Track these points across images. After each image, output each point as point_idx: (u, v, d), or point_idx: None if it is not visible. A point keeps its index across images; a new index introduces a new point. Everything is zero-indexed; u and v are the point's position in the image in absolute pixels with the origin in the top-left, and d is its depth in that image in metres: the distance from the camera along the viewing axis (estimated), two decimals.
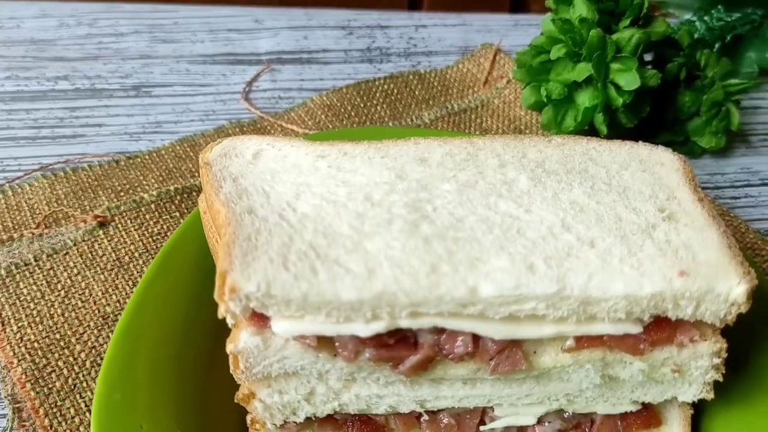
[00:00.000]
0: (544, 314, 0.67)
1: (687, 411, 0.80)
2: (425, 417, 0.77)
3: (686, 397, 0.76)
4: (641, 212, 0.73)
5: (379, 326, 0.67)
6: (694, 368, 0.72)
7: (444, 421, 0.77)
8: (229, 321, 0.67)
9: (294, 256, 0.68)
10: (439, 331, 0.69)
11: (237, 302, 0.65)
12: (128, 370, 0.75)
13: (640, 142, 0.84)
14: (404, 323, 0.67)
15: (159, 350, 0.78)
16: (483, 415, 0.78)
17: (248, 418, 0.77)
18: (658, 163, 0.80)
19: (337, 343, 0.69)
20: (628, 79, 1.12)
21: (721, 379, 0.73)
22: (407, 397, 0.74)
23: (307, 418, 0.76)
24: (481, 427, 0.78)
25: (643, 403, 0.78)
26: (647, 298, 0.66)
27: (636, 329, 0.69)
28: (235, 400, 0.74)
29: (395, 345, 0.69)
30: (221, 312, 0.66)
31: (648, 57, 1.27)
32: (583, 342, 0.70)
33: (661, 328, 0.69)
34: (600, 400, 0.76)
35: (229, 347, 0.70)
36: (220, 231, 0.72)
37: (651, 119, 1.28)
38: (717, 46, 1.41)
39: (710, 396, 0.76)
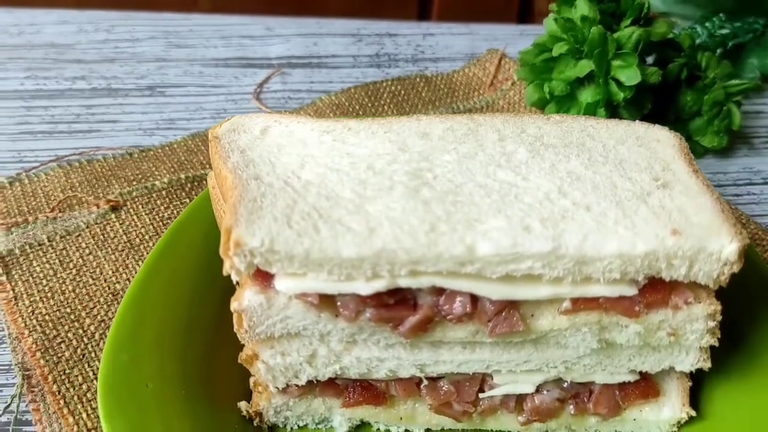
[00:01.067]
0: (541, 274, 0.69)
1: (685, 383, 0.80)
2: (425, 383, 0.78)
3: (684, 366, 0.77)
4: (636, 181, 0.75)
5: (379, 285, 0.69)
6: (690, 332, 0.73)
7: (444, 388, 0.79)
8: (234, 277, 0.69)
9: (297, 215, 0.70)
10: (438, 292, 0.71)
11: (241, 258, 0.67)
12: (136, 334, 0.77)
13: (638, 120, 0.86)
14: (404, 282, 0.69)
15: (167, 316, 0.80)
16: (482, 382, 0.79)
17: (251, 380, 0.78)
18: (654, 140, 0.82)
19: (338, 303, 0.71)
20: (628, 75, 1.15)
21: (716, 344, 0.74)
22: (407, 360, 0.76)
23: (309, 383, 0.78)
24: (480, 395, 0.79)
25: (641, 374, 0.79)
26: (641, 257, 0.68)
27: (631, 291, 0.70)
28: (239, 361, 0.75)
29: (395, 305, 0.71)
30: (226, 268, 0.69)
31: (650, 59, 1.30)
32: (580, 304, 0.71)
33: (656, 290, 0.70)
34: (598, 369, 0.77)
35: (234, 305, 0.71)
36: (226, 195, 0.74)
37: (653, 119, 1.30)
38: (719, 51, 1.44)
39: (707, 365, 0.77)
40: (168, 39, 1.51)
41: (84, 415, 0.79)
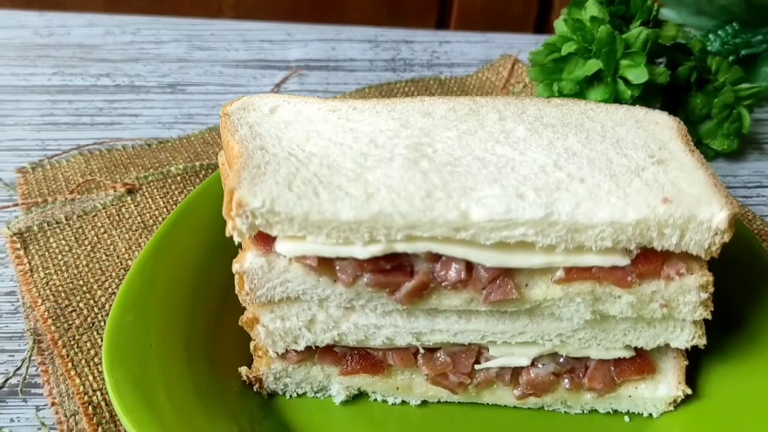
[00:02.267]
0: (534, 241, 0.70)
1: (682, 362, 0.81)
2: (422, 353, 0.79)
3: (679, 343, 0.78)
4: (632, 158, 0.76)
5: (376, 249, 0.71)
6: (683, 304, 0.73)
7: (440, 359, 0.80)
8: (236, 238, 0.72)
9: (299, 181, 0.72)
10: (434, 259, 0.73)
11: (243, 219, 0.70)
12: (142, 297, 0.80)
13: (637, 105, 0.88)
14: (400, 247, 0.71)
15: (174, 282, 0.83)
16: (478, 355, 0.80)
17: (251, 345, 0.80)
18: (653, 122, 0.84)
19: (337, 267, 0.73)
20: (636, 74, 1.17)
21: (709, 317, 0.74)
22: (404, 328, 0.77)
23: (308, 349, 0.79)
24: (476, 366, 0.80)
25: (637, 351, 0.80)
26: (632, 225, 0.69)
27: (624, 261, 0.71)
28: (240, 323, 0.78)
29: (392, 271, 0.73)
30: (228, 230, 0.71)
31: (661, 63, 1.31)
32: (573, 274, 0.72)
33: (648, 261, 0.71)
34: (593, 343, 0.78)
35: (235, 267, 0.74)
36: (232, 164, 0.77)
37: None
38: (731, 59, 1.45)
39: (702, 342, 0.77)
40: (191, 42, 1.56)
41: (90, 378, 0.81)
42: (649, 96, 1.22)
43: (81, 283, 0.94)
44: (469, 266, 0.73)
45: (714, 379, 0.81)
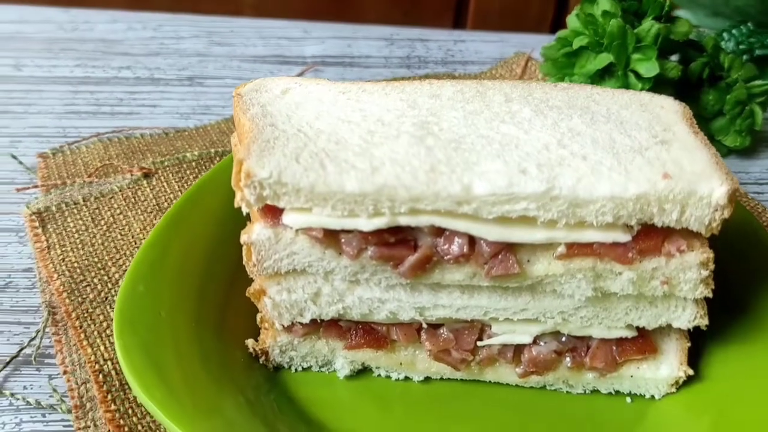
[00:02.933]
0: (535, 216, 0.71)
1: (684, 343, 0.81)
2: (425, 327, 0.81)
3: (681, 323, 0.78)
4: (635, 138, 0.77)
5: (380, 222, 0.72)
6: (684, 281, 0.74)
7: (443, 335, 0.81)
8: (244, 209, 0.74)
9: (306, 154, 0.74)
10: (437, 233, 0.74)
11: (251, 189, 0.72)
12: (155, 269, 0.82)
13: (644, 91, 0.89)
14: (404, 220, 0.72)
15: (187, 256, 0.85)
16: (481, 332, 0.81)
17: (258, 316, 0.82)
18: (658, 106, 0.84)
19: (342, 240, 0.74)
20: (647, 67, 1.18)
21: (710, 296, 0.75)
22: (407, 303, 0.78)
23: (313, 322, 0.81)
24: (479, 343, 0.81)
25: (639, 331, 0.80)
26: (633, 200, 0.70)
27: (625, 238, 0.72)
28: (246, 294, 0.79)
29: (396, 244, 0.74)
30: (237, 200, 0.73)
31: (674, 59, 1.32)
32: (574, 249, 0.73)
33: (649, 237, 0.72)
34: (595, 322, 0.79)
35: (243, 237, 0.76)
36: (242, 140, 0.79)
37: None
38: (745, 58, 1.45)
39: (704, 322, 0.78)
40: (210, 38, 1.60)
41: (102, 348, 0.83)
42: (660, 90, 1.22)
43: (96, 260, 0.96)
44: (472, 241, 0.74)
45: (717, 361, 0.82)
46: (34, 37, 1.53)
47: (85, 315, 0.88)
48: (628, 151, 0.75)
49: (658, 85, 1.22)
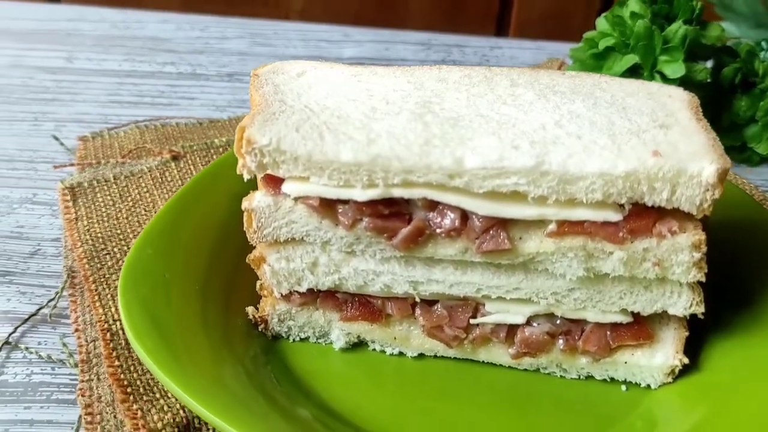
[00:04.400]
0: (526, 191, 0.72)
1: (682, 332, 0.80)
2: (418, 300, 0.82)
3: (677, 309, 0.77)
4: (635, 122, 0.77)
5: (374, 193, 0.74)
6: (676, 264, 0.73)
7: (437, 311, 0.82)
8: (246, 176, 0.77)
9: (307, 126, 0.77)
10: (431, 207, 0.75)
11: (252, 156, 0.75)
12: (164, 235, 0.86)
13: (654, 81, 0.88)
14: (397, 192, 0.74)
15: (198, 226, 0.89)
16: (475, 311, 0.82)
17: (258, 284, 0.84)
18: (666, 95, 0.84)
19: (339, 210, 0.77)
20: (673, 69, 1.17)
21: (703, 280, 0.74)
22: (401, 276, 0.80)
23: (310, 293, 0.83)
24: (472, 321, 0.81)
25: (635, 317, 0.79)
26: (622, 177, 0.70)
27: (616, 217, 0.72)
28: (247, 261, 0.82)
29: (390, 216, 0.76)
30: (239, 167, 0.76)
31: (709, 65, 1.30)
32: (565, 227, 0.74)
33: (640, 217, 0.72)
34: (588, 305, 0.79)
35: (244, 204, 0.79)
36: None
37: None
38: None
39: (700, 310, 0.77)
40: (254, 39, 1.66)
41: (112, 309, 0.87)
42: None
43: (118, 231, 1.01)
44: (464, 216, 0.75)
45: (717, 353, 0.80)
46: (89, 34, 1.62)
47: (102, 279, 0.92)
48: (625, 133, 0.75)
49: (686, 88, 1.20)
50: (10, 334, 0.86)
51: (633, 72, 1.22)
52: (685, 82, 1.20)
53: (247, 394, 0.75)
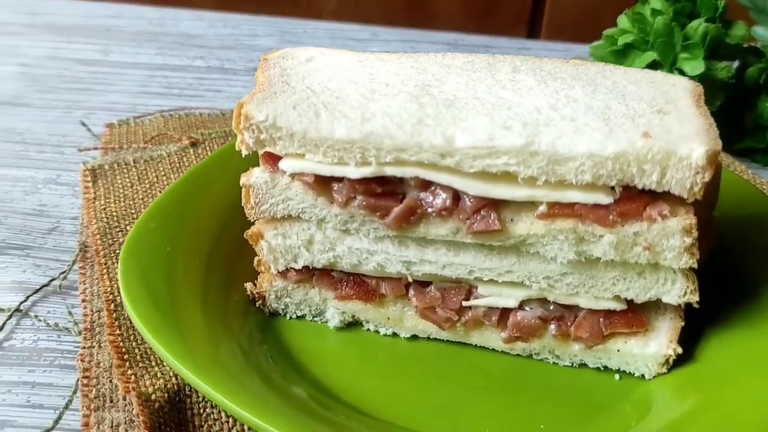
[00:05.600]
0: (515, 171, 0.72)
1: (677, 322, 0.79)
2: (411, 281, 0.82)
3: (670, 297, 0.76)
4: (632, 107, 0.77)
5: (367, 171, 0.76)
6: (667, 249, 0.72)
7: (430, 293, 0.82)
8: (244, 151, 0.79)
9: (305, 105, 0.78)
10: (423, 187, 0.76)
11: (250, 132, 0.77)
12: (169, 210, 0.88)
13: (660, 71, 0.88)
14: (390, 171, 0.75)
15: (203, 204, 0.91)
16: (468, 293, 0.82)
17: (255, 260, 0.86)
18: (669, 84, 0.83)
19: (333, 188, 0.78)
20: (692, 66, 1.16)
21: (695, 266, 0.73)
22: (394, 256, 0.81)
23: (306, 270, 0.84)
24: (464, 303, 0.81)
25: (629, 305, 0.79)
26: (611, 158, 0.70)
27: (607, 200, 0.72)
28: (245, 236, 0.84)
29: (383, 195, 0.77)
30: (238, 143, 0.78)
31: (735, 65, 1.29)
32: (555, 209, 0.74)
33: (631, 201, 0.72)
34: (581, 290, 0.78)
35: (243, 180, 0.81)
36: None
37: (729, 123, 1.29)
38: None
39: (695, 298, 0.76)
40: (283, 37, 1.69)
41: (119, 282, 0.90)
42: (708, 93, 1.19)
43: (132, 211, 1.04)
44: (456, 196, 0.76)
45: (714, 345, 0.79)
46: (125, 30, 1.67)
47: (111, 254, 0.95)
48: (620, 117, 0.75)
49: (708, 87, 1.18)
50: (21, 303, 0.90)
51: (652, 69, 1.21)
52: (706, 81, 1.18)
53: (238, 366, 0.76)
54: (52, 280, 0.94)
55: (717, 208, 0.90)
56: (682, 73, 1.17)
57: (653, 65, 1.19)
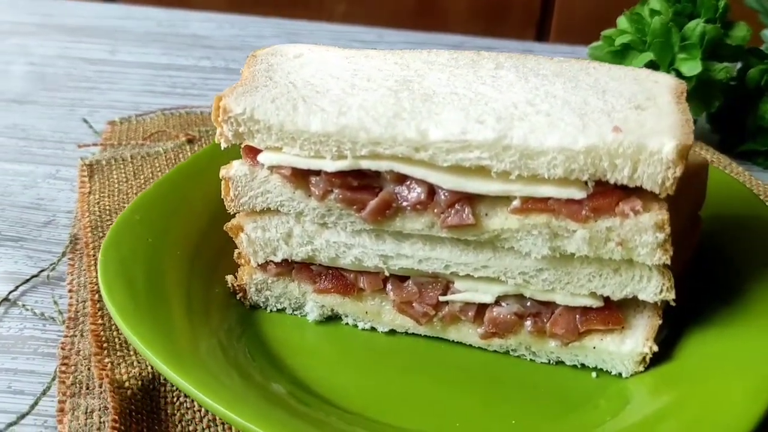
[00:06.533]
0: (488, 165, 0.72)
1: (655, 321, 0.78)
2: (388, 275, 0.82)
3: (647, 295, 0.76)
4: (611, 103, 0.76)
5: (342, 164, 0.76)
6: (640, 245, 0.72)
7: (408, 287, 0.82)
8: (223, 144, 0.80)
9: (284, 98, 0.79)
10: (399, 181, 0.76)
11: (229, 125, 0.78)
12: (154, 203, 0.90)
13: (644, 68, 0.87)
14: (365, 164, 0.76)
15: (188, 198, 0.92)
16: (445, 289, 0.82)
17: (236, 252, 0.87)
18: (653, 81, 0.82)
19: (311, 181, 0.78)
20: (689, 66, 1.15)
21: (668, 262, 0.72)
22: (371, 250, 0.81)
23: (286, 263, 0.85)
24: (441, 298, 0.81)
25: (606, 302, 0.78)
26: (582, 152, 0.69)
27: (580, 195, 0.72)
28: (224, 228, 0.85)
29: (359, 189, 0.77)
30: (217, 136, 0.79)
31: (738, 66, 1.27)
32: (529, 204, 0.73)
33: (603, 196, 0.71)
34: (557, 286, 0.78)
35: (222, 172, 0.82)
36: None
37: (730, 125, 1.27)
38: None
39: (671, 296, 0.75)
40: (289, 38, 1.70)
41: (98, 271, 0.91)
42: (705, 93, 1.19)
43: (125, 205, 1.05)
44: (432, 191, 0.76)
45: (692, 345, 0.78)
46: (134, 31, 1.70)
47: (99, 247, 0.96)
48: (596, 112, 0.74)
49: (703, 87, 1.18)
50: (10, 292, 0.91)
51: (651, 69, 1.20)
52: (704, 82, 1.18)
53: (214, 357, 0.77)
54: (42, 271, 0.96)
55: (707, 207, 0.89)
56: (679, 73, 1.16)
57: (651, 66, 1.18)
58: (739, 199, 0.93)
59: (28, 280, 0.94)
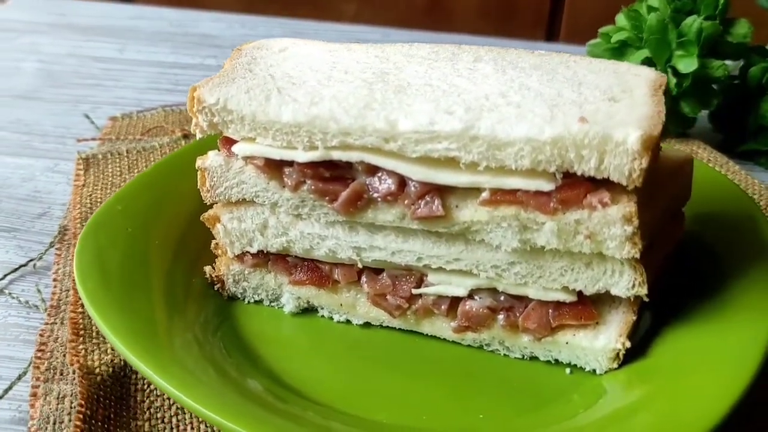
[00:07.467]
0: (457, 156, 0.72)
1: (629, 317, 0.77)
2: (361, 266, 0.82)
3: (619, 290, 0.75)
4: (584, 95, 0.75)
5: (314, 155, 0.76)
6: (609, 238, 0.71)
7: (382, 280, 0.82)
8: (198, 135, 0.80)
9: (258, 89, 0.80)
10: (371, 172, 0.76)
11: (203, 115, 0.78)
12: (137, 195, 0.91)
13: (625, 62, 0.86)
14: (336, 155, 0.76)
15: (172, 191, 0.93)
16: (419, 282, 0.81)
17: (213, 243, 0.87)
18: (633, 74, 0.81)
19: (285, 172, 0.79)
20: (685, 63, 1.13)
21: (638, 256, 0.71)
22: (345, 242, 0.81)
23: (262, 254, 0.85)
24: (414, 290, 0.81)
25: (579, 297, 0.77)
26: (549, 143, 0.68)
27: (548, 186, 0.71)
28: (201, 219, 0.85)
29: (332, 180, 0.77)
30: (192, 126, 0.80)
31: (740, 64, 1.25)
32: (498, 195, 0.73)
33: (572, 188, 0.70)
34: (530, 280, 0.77)
35: (198, 162, 0.82)
36: None
37: (731, 124, 1.25)
38: None
39: (643, 291, 0.74)
40: (297, 37, 1.70)
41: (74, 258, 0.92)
42: (703, 91, 1.17)
43: None
44: (402, 182, 0.75)
45: (669, 340, 0.76)
46: (144, 30, 1.72)
47: None
48: (568, 104, 0.73)
49: (700, 84, 1.16)
50: None
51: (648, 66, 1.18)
52: (701, 79, 1.16)
53: (187, 347, 0.77)
54: (31, 260, 0.97)
55: (694, 203, 0.88)
56: (675, 70, 1.14)
57: (648, 63, 1.16)
58: (729, 197, 0.92)
59: (16, 270, 0.96)
